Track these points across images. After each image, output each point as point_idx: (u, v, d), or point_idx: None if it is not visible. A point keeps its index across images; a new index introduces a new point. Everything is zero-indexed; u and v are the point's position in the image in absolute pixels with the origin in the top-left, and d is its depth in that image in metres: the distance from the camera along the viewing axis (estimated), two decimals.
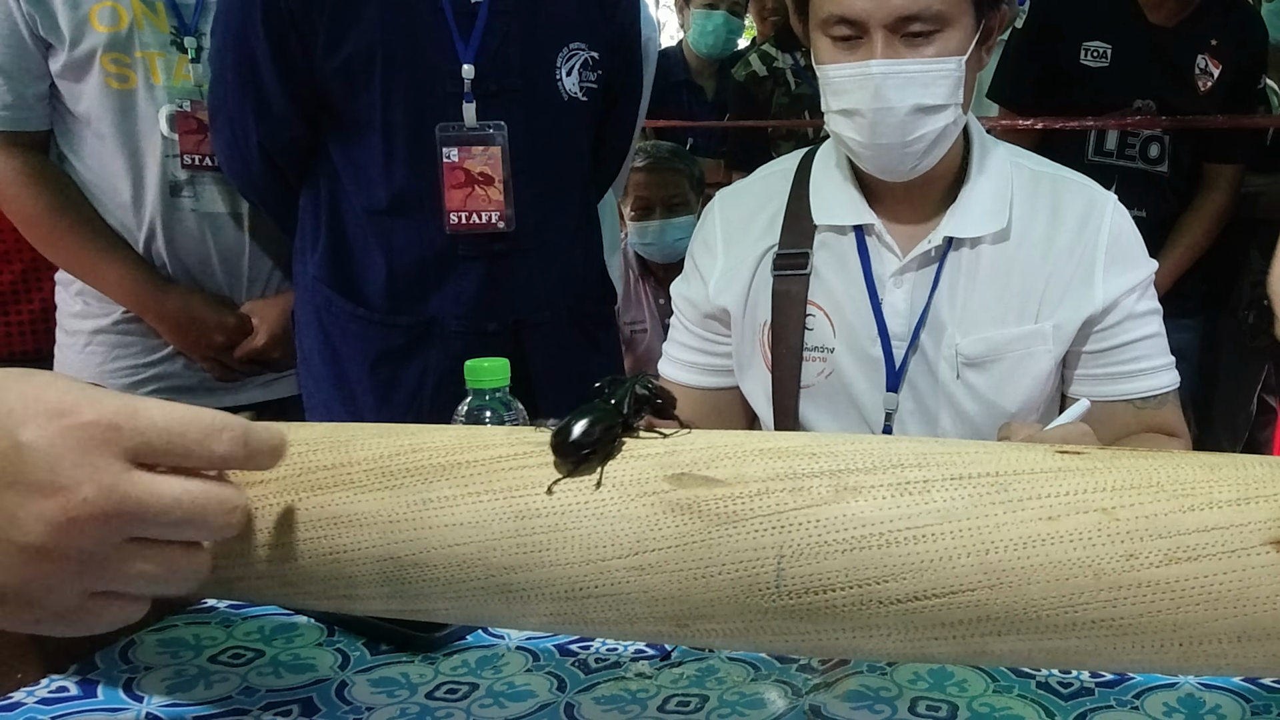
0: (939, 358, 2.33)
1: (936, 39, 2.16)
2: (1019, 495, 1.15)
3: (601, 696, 1.45)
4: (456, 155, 2.65)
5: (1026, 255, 2.32)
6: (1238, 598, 1.08)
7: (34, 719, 1.40)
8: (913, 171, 2.26)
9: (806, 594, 1.16)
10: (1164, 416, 2.34)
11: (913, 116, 2.17)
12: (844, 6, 2.14)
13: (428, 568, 1.25)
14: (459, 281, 2.75)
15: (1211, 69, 4.05)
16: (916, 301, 2.33)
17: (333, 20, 2.61)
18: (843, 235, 2.37)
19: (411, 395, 2.80)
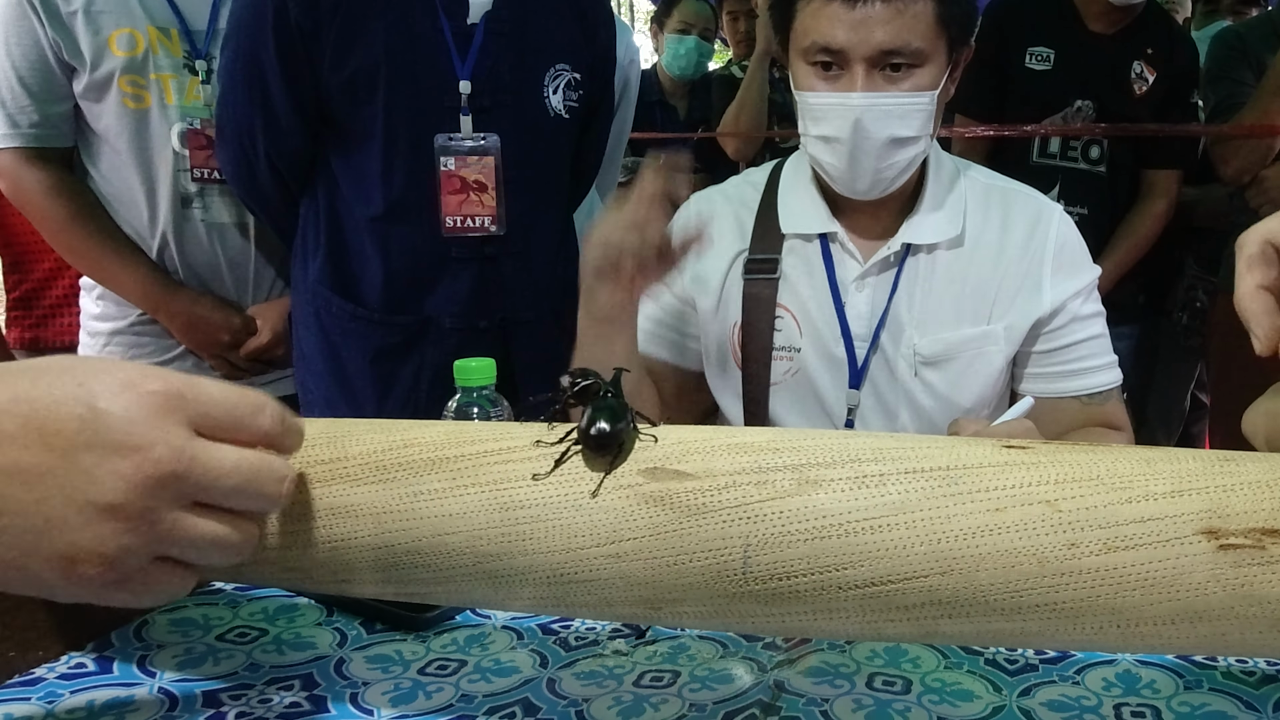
0: (898, 357, 2.33)
1: (913, 73, 2.17)
2: (968, 488, 1.15)
3: (581, 672, 1.44)
4: (453, 164, 2.67)
5: (979, 261, 2.33)
6: (1172, 583, 1.08)
7: (54, 693, 1.39)
8: (881, 193, 2.27)
9: (771, 580, 1.16)
10: (1108, 411, 2.35)
11: (888, 147, 2.19)
12: (828, 37, 2.14)
13: (419, 555, 1.25)
14: (452, 282, 2.76)
15: (1147, 75, 4.07)
16: (877, 304, 2.33)
17: (340, 38, 2.62)
18: (808, 242, 2.37)
19: (409, 389, 2.80)
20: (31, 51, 2.80)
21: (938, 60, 2.21)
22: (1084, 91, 4.05)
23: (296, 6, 2.60)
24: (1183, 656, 1.45)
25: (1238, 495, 1.10)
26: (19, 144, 2.85)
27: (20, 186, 2.88)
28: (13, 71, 2.81)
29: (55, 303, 3.20)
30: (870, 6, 2.10)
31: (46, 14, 2.77)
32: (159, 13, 2.88)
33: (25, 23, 2.78)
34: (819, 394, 2.38)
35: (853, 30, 2.12)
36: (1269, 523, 1.08)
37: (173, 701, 1.37)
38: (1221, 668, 1.43)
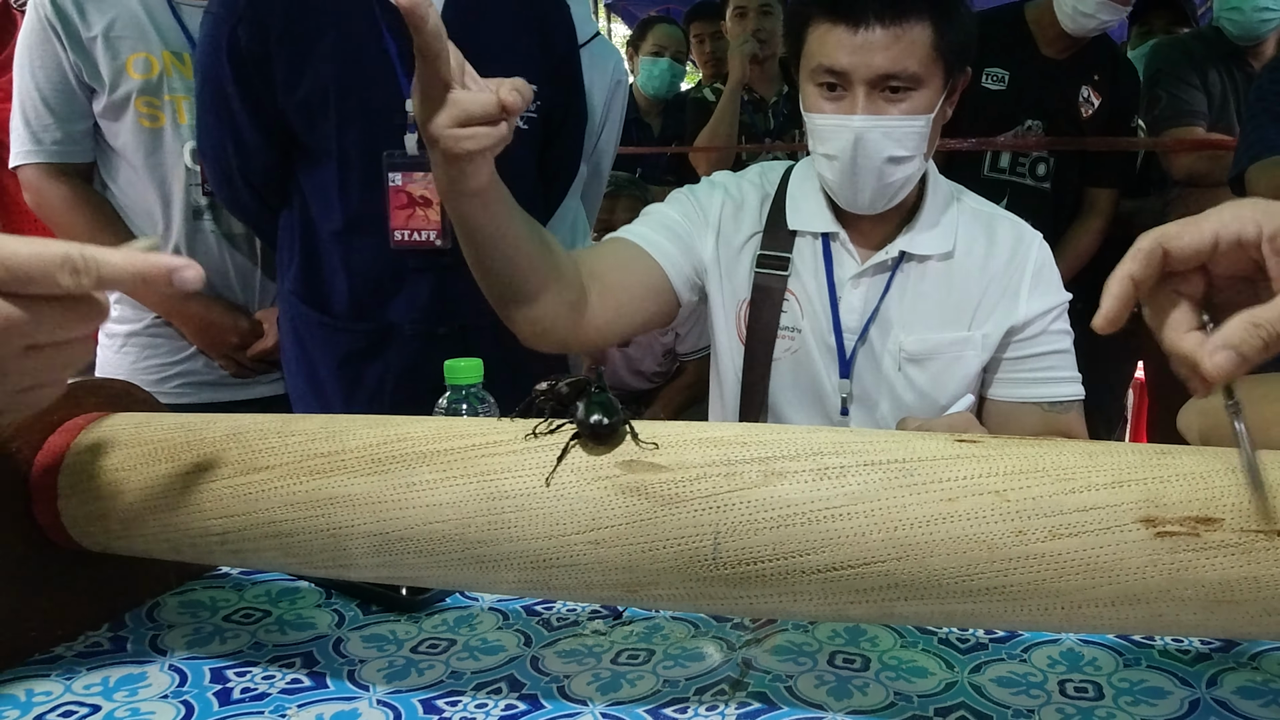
0: (884, 352, 2.34)
1: (911, 96, 2.17)
2: (923, 479, 1.14)
3: (562, 650, 1.44)
4: (400, 180, 2.64)
5: (965, 273, 2.34)
6: (1112, 568, 1.08)
7: (72, 670, 1.39)
8: (881, 208, 2.28)
9: (739, 565, 1.16)
10: (1067, 422, 2.34)
11: (885, 165, 2.19)
12: (832, 60, 2.15)
13: (412, 541, 1.25)
14: (411, 291, 2.74)
15: (1093, 99, 4.08)
16: (869, 302, 2.34)
17: (288, 63, 2.60)
18: (813, 239, 2.38)
19: (374, 391, 2.79)
20: (54, 74, 2.80)
21: (934, 84, 2.21)
22: (1034, 112, 4.06)
23: (246, 34, 2.59)
24: (1122, 636, 1.45)
25: (1173, 486, 1.10)
26: (42, 159, 2.85)
27: (44, 199, 2.88)
28: (36, 92, 2.81)
29: None
30: (871, 32, 2.10)
31: (68, 39, 2.78)
32: (173, 37, 2.88)
33: (48, 47, 2.79)
34: (815, 377, 2.38)
35: (854, 54, 2.13)
36: (1203, 511, 1.08)
37: (182, 677, 1.37)
38: (1158, 646, 1.43)
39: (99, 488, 1.38)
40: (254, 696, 1.32)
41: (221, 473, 1.32)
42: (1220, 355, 1.07)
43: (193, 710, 1.29)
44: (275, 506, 1.29)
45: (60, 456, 1.41)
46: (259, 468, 1.31)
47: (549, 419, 1.29)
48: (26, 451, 1.41)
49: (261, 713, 1.28)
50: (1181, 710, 1.27)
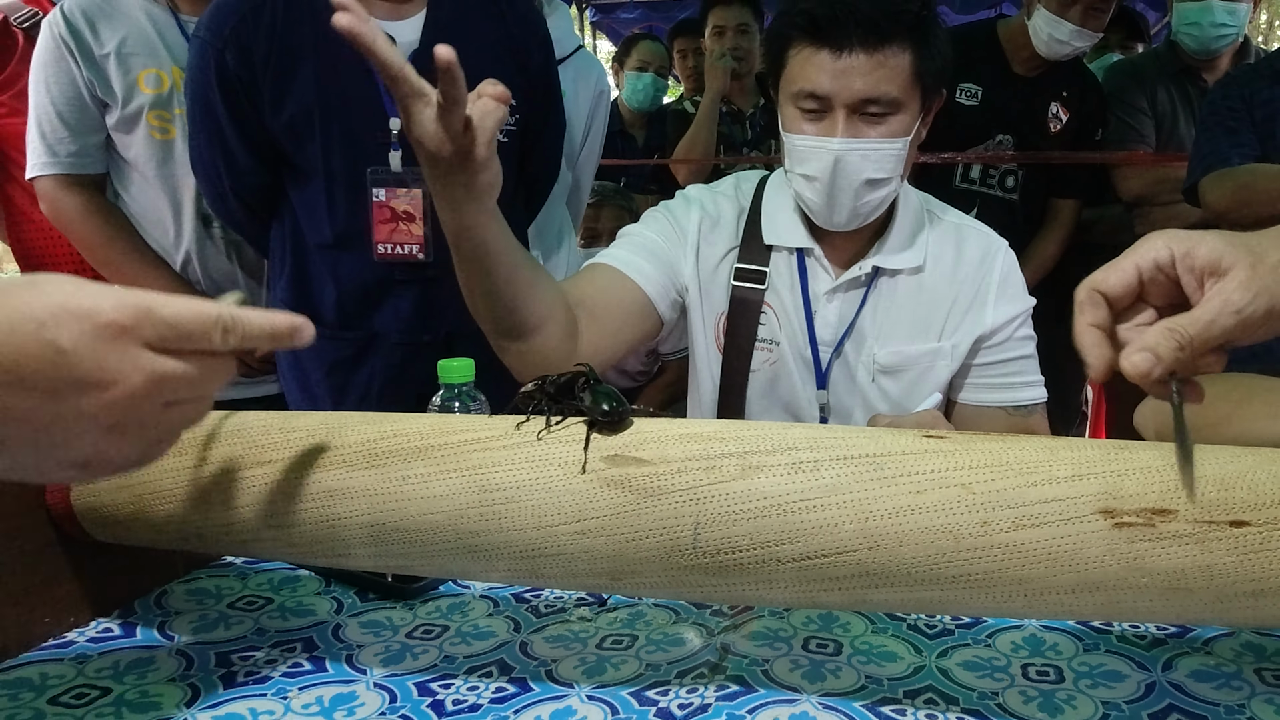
0: (859, 364, 2.33)
1: (889, 120, 2.15)
2: (893, 473, 1.14)
3: (550, 636, 1.44)
4: (384, 195, 2.65)
5: (934, 286, 2.33)
6: (1072, 557, 1.08)
7: (84, 654, 1.38)
8: (853, 227, 2.26)
9: (718, 554, 1.16)
10: (1031, 424, 2.35)
11: (863, 187, 2.17)
12: (814, 84, 2.12)
13: (407, 532, 1.25)
14: (397, 302, 2.74)
15: (1061, 115, 4.09)
16: (844, 316, 2.33)
17: (274, 85, 2.60)
18: (790, 255, 2.35)
19: (361, 396, 2.80)
20: (69, 89, 2.81)
21: (912, 108, 2.19)
22: (1005, 127, 4.07)
23: (233, 59, 2.58)
24: (1082, 622, 1.45)
25: (1131, 479, 1.10)
26: (58, 171, 2.85)
27: (59, 208, 2.88)
28: (51, 107, 2.82)
29: None
30: (853, 57, 2.08)
31: (82, 55, 2.79)
32: (181, 54, 2.87)
33: (63, 64, 2.79)
34: (792, 388, 2.37)
35: (836, 78, 2.10)
36: (1158, 503, 1.08)
37: (189, 662, 1.37)
38: (1116, 632, 1.43)
39: (110, 481, 1.37)
40: (257, 679, 1.32)
41: (226, 466, 1.32)
42: (1137, 356, 1.12)
43: (199, 693, 1.29)
44: (277, 498, 1.29)
45: None
46: (262, 462, 1.31)
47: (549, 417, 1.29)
48: None
49: (264, 695, 1.28)
50: (1138, 693, 1.26)
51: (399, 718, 1.22)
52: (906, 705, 1.24)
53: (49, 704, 1.26)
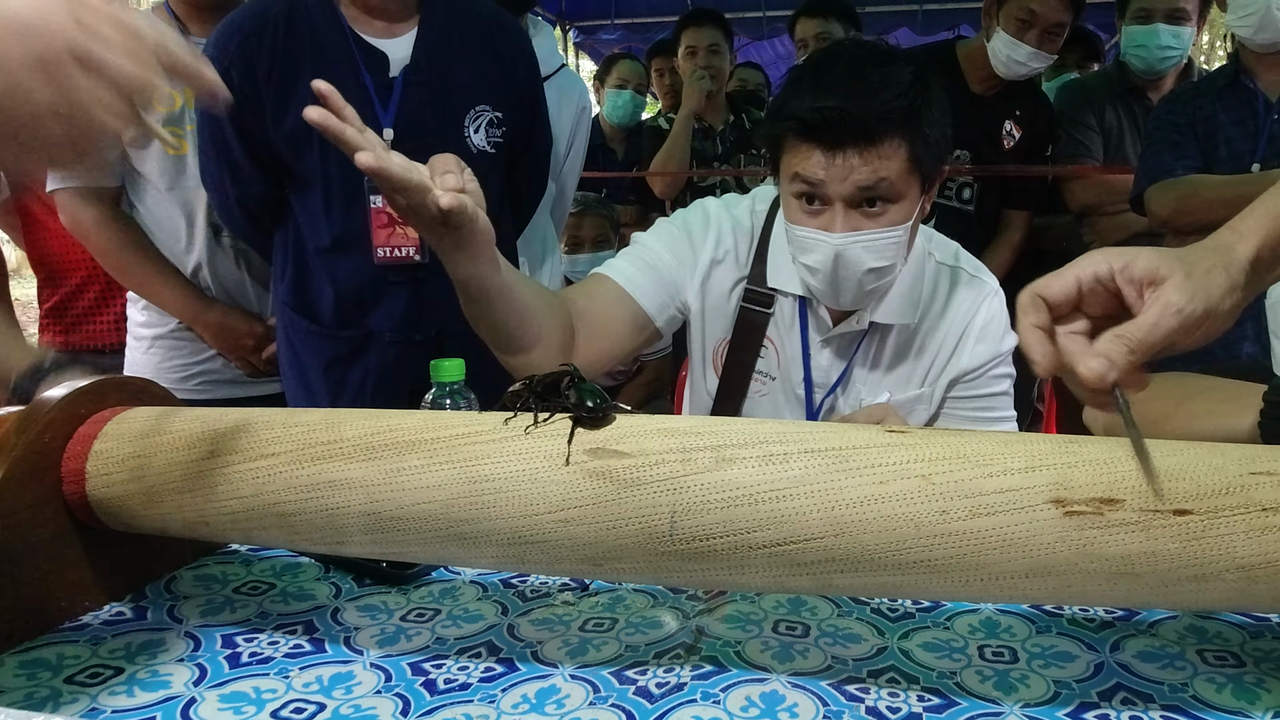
0: (846, 406, 2.30)
1: (889, 209, 2.03)
2: (857, 465, 1.15)
3: (535, 619, 1.44)
4: (381, 202, 2.61)
5: (923, 337, 2.28)
6: (1025, 544, 1.09)
7: (99, 637, 1.38)
8: (854, 306, 2.19)
9: (693, 541, 1.16)
10: None
11: (865, 276, 2.06)
12: (810, 173, 2.01)
13: (402, 521, 1.25)
14: (390, 302, 2.73)
15: (1014, 132, 4.10)
16: (838, 362, 2.29)
17: (275, 99, 2.61)
18: (791, 301, 2.28)
19: (356, 392, 2.80)
20: None
21: (911, 195, 2.06)
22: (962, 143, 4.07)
23: (238, 74, 2.60)
24: (1035, 606, 1.45)
25: (1081, 471, 1.11)
26: (77, 184, 2.85)
27: (78, 220, 2.87)
28: None
29: (82, 312, 3.21)
30: (847, 156, 1.97)
31: None
32: None
33: None
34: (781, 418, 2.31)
35: (831, 176, 1.99)
36: (1106, 493, 1.08)
37: (196, 643, 1.37)
38: (1067, 615, 1.43)
39: (122, 473, 1.37)
40: (260, 660, 1.32)
41: (232, 459, 1.32)
42: (1093, 361, 1.16)
43: (206, 672, 1.28)
44: (280, 489, 1.29)
45: (88, 446, 1.40)
46: (265, 455, 1.31)
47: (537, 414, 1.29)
48: (58, 442, 1.41)
49: (267, 674, 1.28)
50: (1088, 672, 1.26)
51: (394, 696, 1.22)
52: (870, 684, 1.24)
53: (65, 683, 1.25)
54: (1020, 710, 1.18)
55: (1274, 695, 1.20)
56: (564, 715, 1.17)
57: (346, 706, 1.20)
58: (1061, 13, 3.84)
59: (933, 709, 1.18)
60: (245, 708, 1.20)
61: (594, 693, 1.22)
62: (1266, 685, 1.22)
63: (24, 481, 1.36)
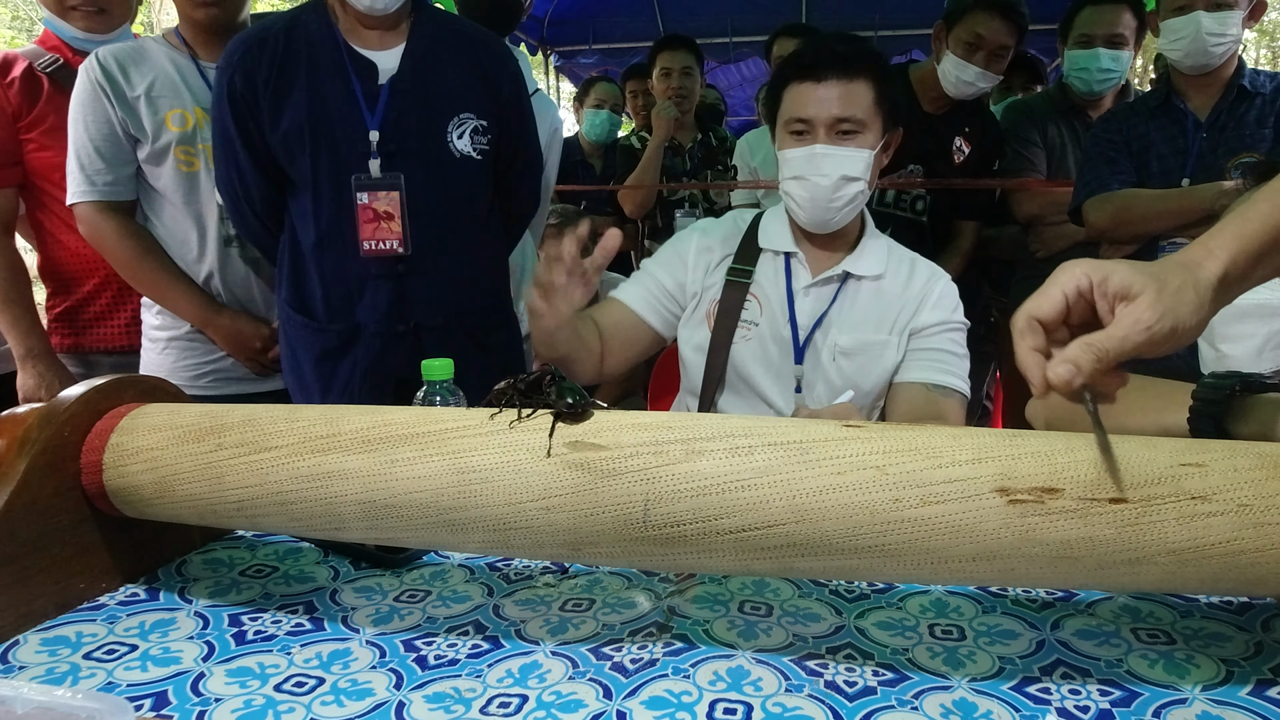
0: (824, 347, 2.48)
1: (857, 136, 2.40)
2: (817, 456, 1.14)
3: (519, 599, 1.43)
4: (366, 198, 2.70)
5: (890, 293, 2.50)
6: (972, 529, 1.09)
7: (114, 615, 1.38)
8: (832, 225, 2.49)
9: (665, 527, 1.16)
10: (946, 405, 2.43)
11: (839, 181, 2.40)
12: (800, 111, 2.41)
13: (395, 509, 1.25)
14: (375, 296, 2.75)
15: (964, 147, 4.12)
16: (818, 307, 2.51)
17: (272, 102, 2.65)
18: (777, 256, 2.58)
19: (345, 382, 2.81)
20: (105, 127, 2.82)
21: (875, 130, 2.43)
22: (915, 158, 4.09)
23: (240, 81, 2.64)
24: (981, 587, 1.45)
25: (1023, 462, 1.11)
26: (97, 198, 2.86)
27: (99, 231, 2.88)
28: (89, 143, 2.82)
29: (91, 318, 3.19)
30: (829, 85, 2.37)
31: (116, 98, 2.81)
32: (202, 95, 2.89)
33: (99, 105, 2.81)
34: (775, 362, 2.52)
35: (817, 103, 2.39)
36: (1047, 483, 1.09)
37: (205, 622, 1.36)
38: (1011, 596, 1.43)
39: (136, 465, 1.37)
40: (264, 638, 1.32)
41: (238, 452, 1.32)
42: (1061, 368, 1.14)
43: (214, 649, 1.28)
44: (282, 479, 1.28)
45: (105, 439, 1.40)
46: (269, 448, 1.31)
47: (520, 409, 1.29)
48: (77, 436, 1.41)
49: (270, 651, 1.28)
50: (1030, 649, 1.26)
51: (388, 671, 1.22)
52: (829, 660, 1.24)
53: (84, 659, 1.26)
54: (967, 684, 1.18)
55: (1203, 670, 1.20)
56: (545, 689, 1.17)
57: (344, 681, 1.20)
58: (1006, 36, 3.88)
59: (886, 683, 1.18)
60: (250, 682, 1.20)
61: (573, 668, 1.22)
62: (1196, 661, 1.22)
63: (46, 472, 1.36)
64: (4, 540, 1.30)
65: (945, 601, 1.42)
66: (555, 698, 1.15)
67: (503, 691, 1.17)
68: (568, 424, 1.25)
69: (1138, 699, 1.14)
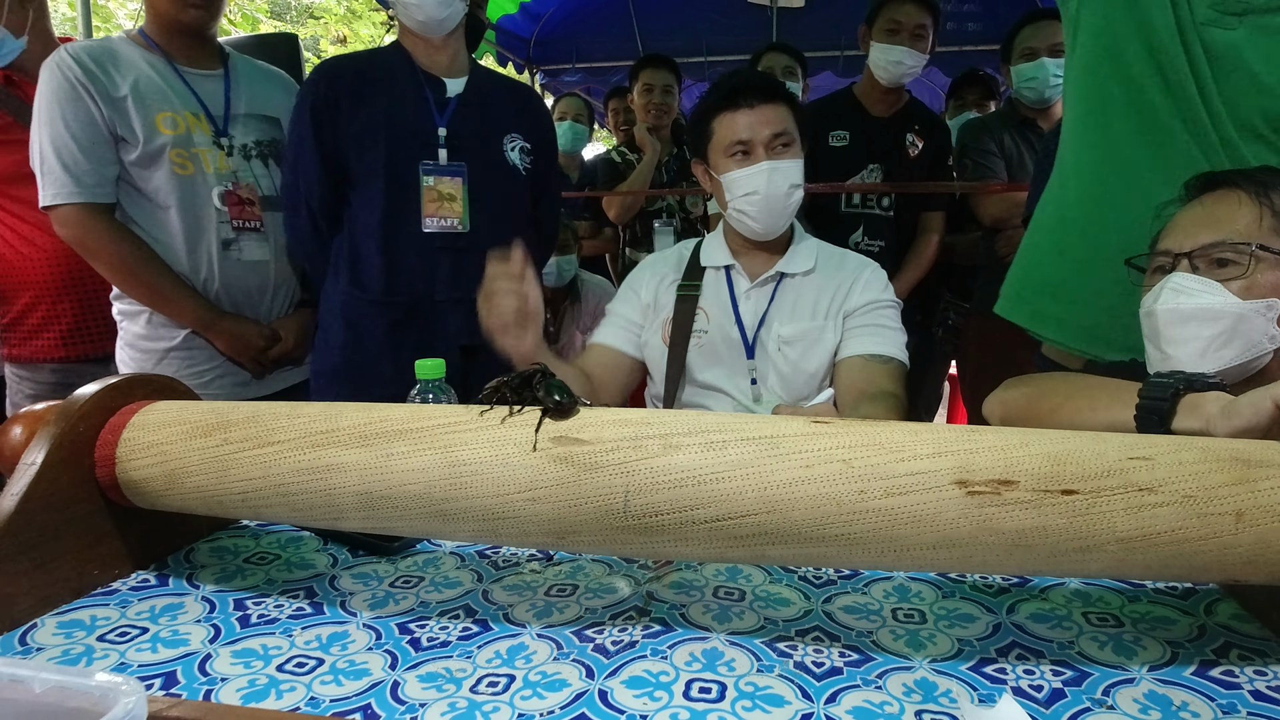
0: (769, 339, 2.56)
1: (790, 148, 2.53)
2: (786, 450, 1.14)
3: (506, 585, 1.43)
4: (432, 181, 2.87)
5: (821, 284, 2.58)
6: (933, 519, 1.09)
7: (127, 600, 1.38)
8: (780, 229, 2.60)
9: (644, 517, 1.16)
10: (884, 371, 2.47)
11: (788, 190, 2.51)
12: (738, 134, 2.51)
13: (390, 499, 1.24)
14: (438, 269, 2.89)
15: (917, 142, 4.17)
16: (759, 307, 2.60)
17: (349, 104, 2.80)
18: (718, 270, 2.68)
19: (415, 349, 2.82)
20: (89, 127, 2.70)
21: (798, 143, 2.56)
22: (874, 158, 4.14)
23: (324, 88, 2.79)
24: (941, 574, 1.45)
25: (981, 456, 1.11)
26: (86, 199, 2.72)
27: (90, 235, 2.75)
28: (73, 143, 2.70)
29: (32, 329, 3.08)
30: (756, 109, 2.49)
31: (100, 96, 2.71)
32: (188, 100, 2.84)
33: (81, 104, 2.70)
34: (725, 359, 2.60)
35: (751, 126, 2.50)
36: (1003, 475, 1.09)
37: (211, 606, 1.36)
38: (969, 582, 1.43)
39: (147, 458, 1.37)
40: (267, 621, 1.32)
41: (243, 446, 1.31)
42: None
43: (220, 632, 1.28)
44: (284, 472, 1.28)
45: (118, 435, 1.40)
46: (271, 442, 1.30)
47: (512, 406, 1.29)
48: (92, 431, 1.41)
49: (273, 633, 1.28)
50: (987, 632, 1.26)
51: (384, 652, 1.21)
52: (798, 642, 1.23)
53: (98, 640, 1.26)
54: (928, 665, 1.18)
55: (1149, 652, 1.20)
56: (531, 669, 1.17)
57: (342, 661, 1.19)
58: (921, 16, 4.03)
59: (852, 663, 1.18)
60: (254, 662, 1.20)
61: (558, 649, 1.22)
62: (1143, 644, 1.23)
63: (62, 466, 1.36)
64: (23, 529, 1.30)
65: (907, 587, 1.41)
66: (541, 677, 1.15)
67: (491, 671, 1.16)
68: (554, 420, 1.25)
69: (1088, 679, 1.14)
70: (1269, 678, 1.14)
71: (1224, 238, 1.60)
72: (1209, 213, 1.65)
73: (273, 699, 1.11)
